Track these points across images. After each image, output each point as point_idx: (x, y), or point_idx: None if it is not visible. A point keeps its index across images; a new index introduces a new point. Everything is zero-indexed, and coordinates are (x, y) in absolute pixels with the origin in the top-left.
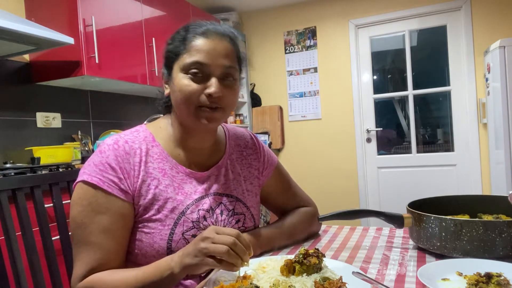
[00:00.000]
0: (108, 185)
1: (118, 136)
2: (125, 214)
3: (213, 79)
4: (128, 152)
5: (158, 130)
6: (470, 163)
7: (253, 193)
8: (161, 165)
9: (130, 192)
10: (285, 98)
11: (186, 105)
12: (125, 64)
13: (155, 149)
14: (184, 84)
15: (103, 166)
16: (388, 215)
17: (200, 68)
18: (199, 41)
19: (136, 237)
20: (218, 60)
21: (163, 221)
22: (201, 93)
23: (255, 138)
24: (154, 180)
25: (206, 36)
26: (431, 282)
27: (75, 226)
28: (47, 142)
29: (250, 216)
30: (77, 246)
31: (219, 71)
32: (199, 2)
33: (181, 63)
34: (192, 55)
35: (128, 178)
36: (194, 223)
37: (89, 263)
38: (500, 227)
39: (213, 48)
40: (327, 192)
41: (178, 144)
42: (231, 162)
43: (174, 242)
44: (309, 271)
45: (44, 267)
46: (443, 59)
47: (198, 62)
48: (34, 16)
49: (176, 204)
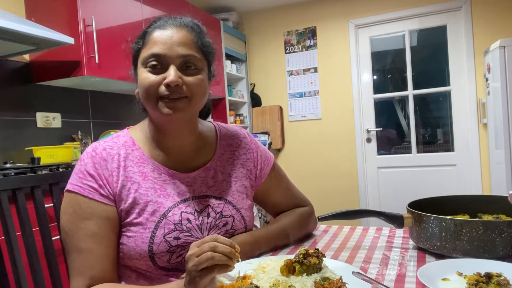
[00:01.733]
0: (89, 192)
1: (97, 143)
2: (110, 217)
3: (171, 68)
4: (105, 159)
5: (138, 133)
6: (470, 163)
7: (244, 194)
8: (141, 168)
9: (111, 197)
10: (285, 98)
11: (147, 98)
12: (125, 64)
13: (136, 152)
14: (143, 77)
15: (82, 174)
16: (388, 215)
17: (158, 59)
18: (155, 33)
19: (120, 241)
20: (175, 49)
21: (144, 224)
22: (160, 84)
23: (249, 137)
24: (134, 184)
25: (162, 28)
26: (431, 282)
27: (64, 236)
28: (47, 142)
29: (240, 218)
30: (69, 255)
31: (177, 60)
32: (199, 2)
33: (141, 58)
34: (149, 48)
35: (108, 184)
36: (176, 225)
37: (84, 272)
38: (500, 227)
39: (169, 38)
40: (327, 192)
41: (156, 145)
42: (221, 163)
43: (156, 245)
44: (309, 271)
45: (44, 267)
46: (443, 59)
47: (154, 54)
48: (34, 16)
49: (157, 206)
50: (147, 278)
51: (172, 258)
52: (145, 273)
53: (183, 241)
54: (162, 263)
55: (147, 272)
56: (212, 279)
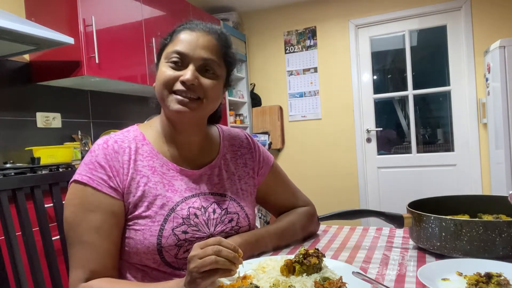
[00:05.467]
0: (98, 183)
1: (108, 136)
2: (116, 212)
3: (190, 66)
4: (117, 151)
5: (148, 129)
6: (470, 163)
7: (248, 193)
8: (150, 162)
9: (120, 190)
10: (285, 98)
11: (162, 90)
12: (125, 64)
13: (145, 147)
14: (163, 71)
15: (92, 164)
16: (388, 215)
17: (180, 57)
18: (183, 33)
19: (126, 235)
20: (198, 51)
21: (153, 218)
22: (177, 80)
23: (250, 138)
24: (144, 178)
25: (191, 30)
26: (431, 282)
27: (68, 227)
28: (47, 142)
29: (244, 216)
30: (71, 247)
31: (198, 62)
32: (199, 2)
33: (165, 53)
34: (174, 45)
35: (117, 176)
36: (184, 219)
37: (85, 265)
38: (500, 227)
39: (196, 39)
40: (327, 192)
41: (166, 140)
42: (225, 162)
43: (164, 238)
44: (309, 271)
45: (44, 267)
46: (443, 59)
47: (178, 51)
48: (34, 16)
49: (166, 200)
50: (152, 278)
51: (179, 253)
52: (151, 272)
53: (191, 235)
54: (170, 257)
55: (154, 271)
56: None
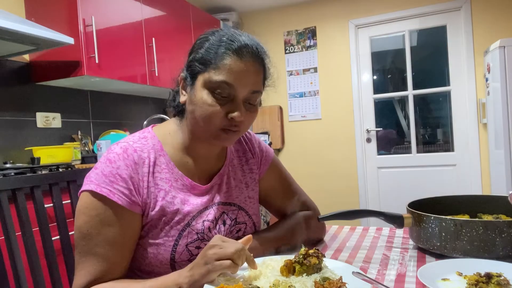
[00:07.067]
0: (119, 197)
1: (126, 143)
2: (133, 226)
3: (238, 103)
4: (137, 162)
5: (167, 137)
6: (470, 163)
7: (254, 199)
8: (167, 175)
9: (139, 204)
10: (285, 98)
11: (207, 124)
12: (125, 64)
13: (162, 159)
14: (208, 103)
15: (113, 177)
16: (388, 215)
17: (226, 88)
18: (231, 59)
19: (141, 247)
20: (247, 84)
21: (168, 232)
22: (224, 116)
23: (249, 135)
24: (161, 192)
25: (239, 56)
26: (431, 282)
27: (80, 236)
28: (47, 142)
29: (252, 225)
30: (81, 256)
31: (245, 95)
32: (199, 2)
33: (207, 78)
34: (221, 74)
35: (138, 189)
36: (199, 234)
37: (92, 274)
38: (500, 227)
39: (245, 71)
40: (327, 192)
41: (187, 152)
42: (232, 168)
43: (178, 254)
44: (309, 271)
45: (44, 267)
46: (443, 59)
47: (226, 82)
48: (34, 16)
49: (183, 215)
50: None
51: None
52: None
53: None
54: None
55: None
56: (213, 280)
